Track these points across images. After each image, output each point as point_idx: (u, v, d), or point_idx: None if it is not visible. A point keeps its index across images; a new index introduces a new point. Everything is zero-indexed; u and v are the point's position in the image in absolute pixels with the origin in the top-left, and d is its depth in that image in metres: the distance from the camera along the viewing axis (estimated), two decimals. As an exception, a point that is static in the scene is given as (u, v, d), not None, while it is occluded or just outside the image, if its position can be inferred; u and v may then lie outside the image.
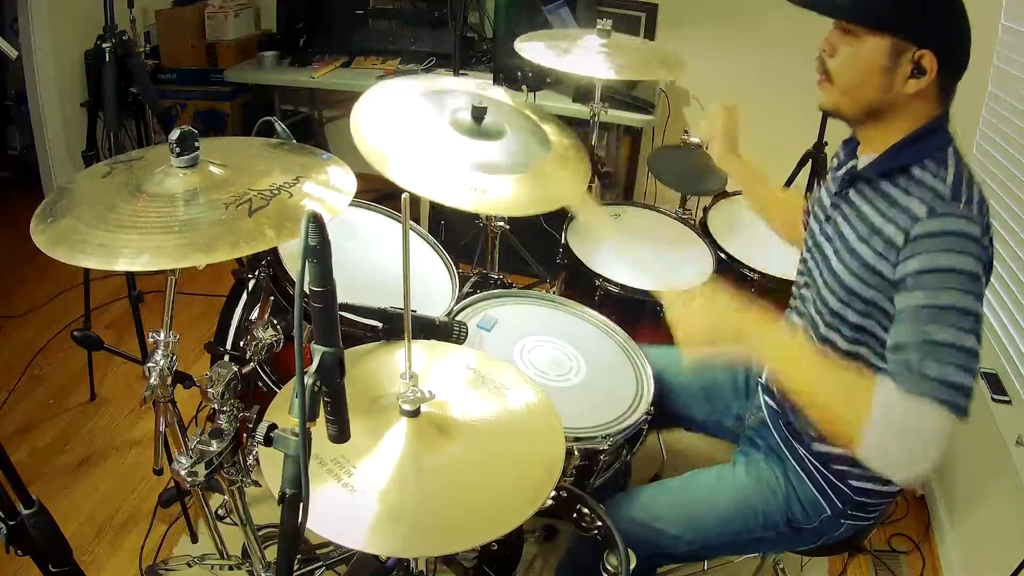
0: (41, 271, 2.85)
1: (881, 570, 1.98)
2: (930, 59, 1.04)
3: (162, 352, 1.14)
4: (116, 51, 1.89)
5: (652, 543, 1.31)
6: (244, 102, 3.41)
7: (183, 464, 1.14)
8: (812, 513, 1.29)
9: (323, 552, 1.63)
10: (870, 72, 1.08)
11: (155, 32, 3.26)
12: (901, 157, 1.10)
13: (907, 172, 1.09)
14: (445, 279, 1.61)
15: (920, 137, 1.10)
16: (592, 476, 1.36)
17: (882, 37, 1.06)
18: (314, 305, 0.76)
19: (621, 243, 1.95)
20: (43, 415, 2.31)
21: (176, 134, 1.05)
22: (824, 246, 1.22)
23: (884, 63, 1.06)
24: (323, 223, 0.72)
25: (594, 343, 1.54)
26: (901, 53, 1.05)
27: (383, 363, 1.16)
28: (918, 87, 1.06)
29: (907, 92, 1.07)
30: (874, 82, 1.08)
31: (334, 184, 1.13)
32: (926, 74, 1.05)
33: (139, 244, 0.94)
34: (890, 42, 1.05)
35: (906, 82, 1.07)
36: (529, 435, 1.06)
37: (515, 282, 2.06)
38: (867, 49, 1.07)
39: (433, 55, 3.16)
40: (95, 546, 1.90)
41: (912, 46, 1.05)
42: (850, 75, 1.10)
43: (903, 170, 1.09)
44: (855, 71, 1.10)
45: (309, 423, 0.77)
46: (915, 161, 1.09)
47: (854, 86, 1.11)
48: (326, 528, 0.86)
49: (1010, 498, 1.75)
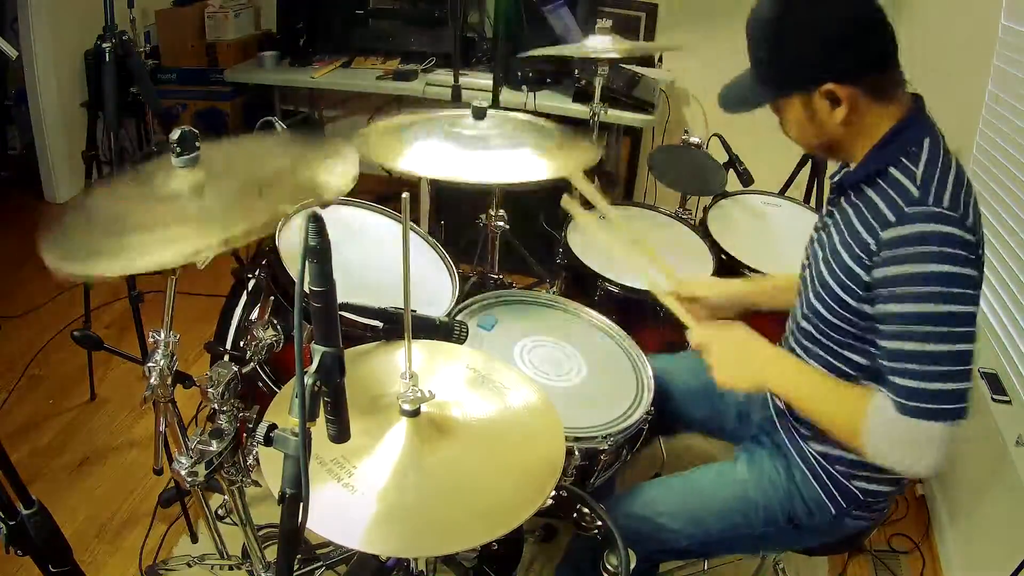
0: (41, 271, 2.81)
1: (881, 570, 1.98)
2: (834, 87, 1.07)
3: (162, 352, 1.14)
4: (116, 51, 1.89)
5: (653, 538, 1.32)
6: (244, 102, 3.41)
7: (183, 464, 1.14)
8: (815, 511, 1.29)
9: (323, 552, 1.63)
10: (801, 124, 1.15)
11: (155, 32, 3.26)
12: (878, 160, 1.11)
13: (885, 173, 1.10)
14: (445, 279, 1.61)
15: (891, 139, 1.11)
16: (592, 476, 1.36)
17: (785, 99, 1.13)
18: (314, 305, 0.76)
19: (621, 243, 1.95)
20: (43, 415, 2.31)
21: (176, 134, 1.05)
22: (817, 254, 1.23)
23: (803, 113, 1.13)
24: (323, 223, 0.72)
25: (594, 343, 1.54)
26: (810, 99, 1.10)
27: (383, 363, 1.16)
28: (844, 113, 1.09)
29: (838, 122, 1.10)
30: (809, 130, 1.15)
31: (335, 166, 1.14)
32: (842, 101, 1.08)
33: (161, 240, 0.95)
34: (796, 97, 1.12)
35: (831, 114, 1.10)
36: (529, 435, 1.06)
37: (515, 282, 2.06)
38: (787, 111, 1.16)
39: (433, 55, 3.16)
40: (95, 546, 1.90)
41: (812, 90, 1.09)
42: (792, 133, 1.19)
43: (881, 172, 1.10)
44: (792, 129, 1.18)
45: (309, 423, 0.77)
46: (892, 162, 1.09)
47: (800, 139, 1.19)
48: (326, 528, 0.86)
49: (1010, 498, 1.75)
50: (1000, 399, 1.87)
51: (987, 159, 2.16)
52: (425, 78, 3.05)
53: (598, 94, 2.16)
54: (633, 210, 2.15)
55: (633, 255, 1.49)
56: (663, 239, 2.01)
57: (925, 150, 1.08)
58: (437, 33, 3.18)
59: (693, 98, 3.30)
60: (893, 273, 1.03)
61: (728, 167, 2.24)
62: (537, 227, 2.70)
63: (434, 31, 3.19)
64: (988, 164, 2.14)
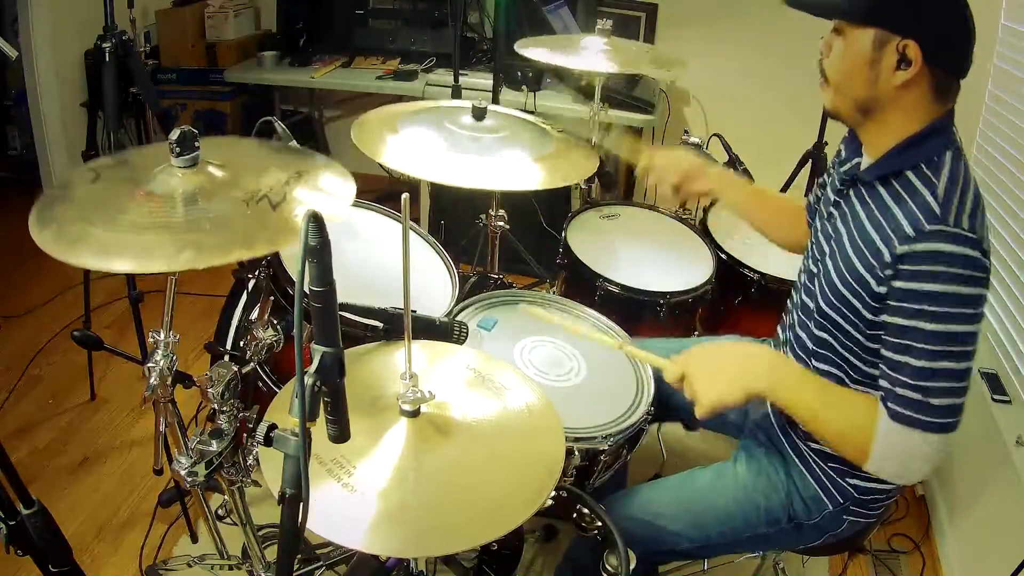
0: (41, 271, 2.85)
1: (881, 570, 1.98)
2: (914, 49, 1.04)
3: (162, 352, 1.14)
4: (116, 51, 1.89)
5: (653, 540, 1.32)
6: (244, 102, 3.41)
7: (183, 464, 1.14)
8: (814, 509, 1.29)
9: (323, 552, 1.63)
10: (857, 65, 1.09)
11: (155, 32, 3.26)
12: (898, 161, 1.10)
13: (902, 176, 1.09)
14: (445, 279, 1.61)
15: (917, 141, 1.09)
16: (592, 476, 1.36)
17: (866, 29, 1.06)
18: (314, 305, 0.76)
19: (621, 243, 1.95)
20: (43, 415, 2.31)
21: (176, 134, 1.05)
22: (823, 245, 1.23)
23: (869, 55, 1.07)
24: (323, 223, 0.72)
25: (594, 343, 1.53)
26: (885, 44, 1.05)
27: (383, 363, 1.16)
28: (905, 79, 1.06)
29: (895, 84, 1.07)
30: (862, 75, 1.09)
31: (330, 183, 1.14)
32: (912, 64, 1.05)
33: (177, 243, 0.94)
34: (874, 33, 1.06)
35: (893, 74, 1.06)
36: (529, 435, 1.06)
37: (515, 282, 2.06)
38: (853, 43, 1.08)
39: (433, 55, 3.16)
40: (95, 546, 1.90)
41: (895, 36, 1.04)
42: (840, 71, 1.12)
43: (898, 174, 1.09)
44: (844, 66, 1.10)
45: (309, 423, 0.77)
46: (910, 165, 1.08)
47: (844, 82, 1.12)
48: (326, 528, 0.86)
49: (1010, 498, 1.75)
50: (1000, 399, 1.87)
51: (987, 159, 2.16)
52: (425, 78, 3.04)
53: (598, 94, 2.16)
54: (633, 210, 2.15)
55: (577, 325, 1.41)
56: (663, 239, 2.01)
57: (947, 162, 1.06)
58: (437, 33, 3.18)
59: (693, 98, 3.30)
60: (906, 288, 1.02)
61: (728, 167, 2.24)
62: (537, 227, 2.70)
63: (434, 31, 3.19)
64: (988, 164, 2.14)
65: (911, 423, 1.02)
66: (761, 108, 3.15)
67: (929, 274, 1.00)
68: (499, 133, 1.60)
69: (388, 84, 3.03)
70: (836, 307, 1.15)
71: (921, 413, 1.02)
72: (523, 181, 1.49)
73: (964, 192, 1.04)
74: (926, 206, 1.03)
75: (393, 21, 3.31)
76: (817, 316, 1.21)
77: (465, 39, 3.13)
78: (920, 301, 1.01)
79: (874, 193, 1.12)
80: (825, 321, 1.19)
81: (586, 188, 2.14)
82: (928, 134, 1.09)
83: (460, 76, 2.53)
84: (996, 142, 2.11)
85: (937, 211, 1.02)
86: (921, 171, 1.07)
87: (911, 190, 1.06)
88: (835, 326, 1.17)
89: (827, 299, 1.17)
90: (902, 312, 1.03)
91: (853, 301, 1.12)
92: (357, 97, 3.49)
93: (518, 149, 1.58)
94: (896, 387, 1.04)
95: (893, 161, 1.10)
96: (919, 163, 1.07)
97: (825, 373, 1.22)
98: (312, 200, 1.08)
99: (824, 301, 1.18)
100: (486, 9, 3.23)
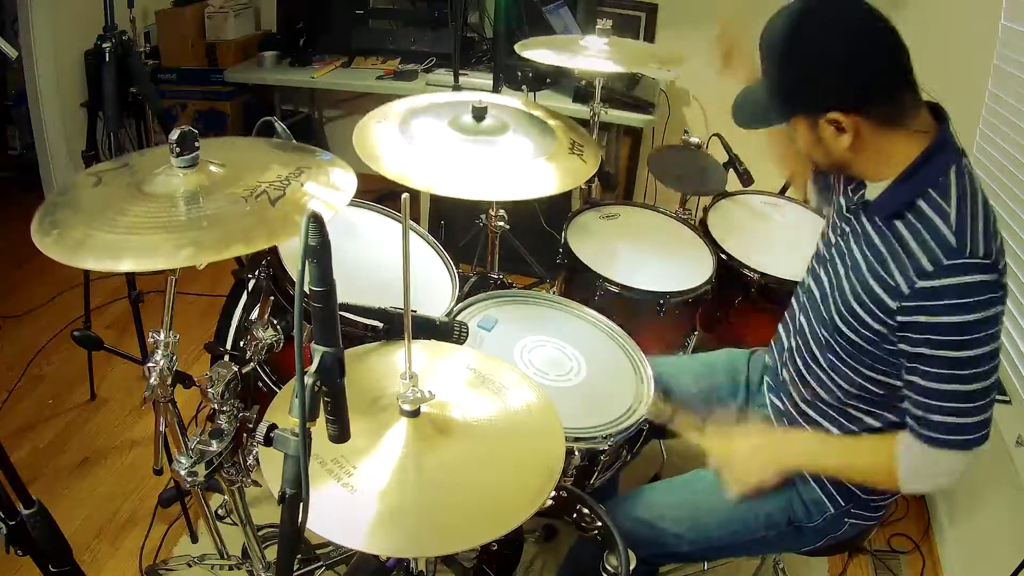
0: (41, 271, 2.85)
1: (881, 570, 1.98)
2: (837, 114, 1.05)
3: (162, 352, 1.14)
4: (116, 51, 1.89)
5: (654, 543, 1.32)
6: (244, 102, 3.41)
7: (183, 464, 1.14)
8: (815, 512, 1.29)
9: (323, 552, 1.63)
10: (810, 147, 1.15)
11: (155, 32, 3.26)
12: (904, 193, 1.09)
13: (913, 206, 1.08)
14: (445, 279, 1.61)
15: (914, 172, 1.08)
16: (592, 476, 1.36)
17: (794, 118, 1.12)
18: (314, 305, 0.76)
19: (621, 243, 1.95)
20: (43, 415, 2.31)
21: (176, 134, 1.05)
22: (836, 260, 1.23)
23: (811, 137, 1.11)
24: (323, 223, 0.72)
25: (594, 343, 1.53)
26: (815, 124, 1.09)
27: (383, 363, 1.16)
28: (850, 140, 1.07)
29: (845, 147, 1.09)
30: (819, 152, 1.14)
31: (333, 177, 1.14)
32: (846, 129, 1.06)
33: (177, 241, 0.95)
34: (801, 119, 1.11)
35: (837, 141, 1.08)
36: (529, 435, 1.06)
37: (515, 282, 2.06)
38: (795, 134, 1.15)
39: (433, 55, 3.16)
40: (95, 546, 1.90)
41: (816, 114, 1.07)
42: (803, 154, 1.19)
43: (909, 204, 1.08)
44: (803, 151, 1.17)
45: (309, 423, 0.77)
46: (919, 193, 1.07)
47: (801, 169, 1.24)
48: (326, 528, 0.86)
49: (1010, 498, 1.75)
50: (1000, 399, 1.87)
51: (987, 159, 2.16)
52: (425, 78, 3.04)
53: (598, 94, 2.16)
54: (633, 210, 2.15)
55: None
56: (663, 239, 2.01)
57: (953, 182, 1.06)
58: (437, 33, 3.18)
59: (693, 98, 3.30)
60: (929, 321, 1.03)
61: (728, 167, 2.24)
62: (537, 227, 2.70)
63: (434, 31, 3.19)
64: (988, 164, 2.14)
65: (946, 444, 1.06)
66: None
67: (950, 307, 1.01)
68: (500, 134, 1.59)
69: (388, 84, 3.03)
70: (849, 322, 1.17)
71: (957, 434, 1.06)
72: (526, 189, 1.46)
73: (975, 211, 1.04)
74: (941, 238, 1.03)
75: (393, 21, 3.31)
76: (829, 324, 1.22)
77: (465, 39, 3.13)
78: (944, 332, 1.03)
79: (888, 221, 1.12)
80: (836, 334, 1.20)
81: (586, 188, 2.14)
82: (927, 156, 1.08)
83: (460, 76, 2.53)
84: (996, 142, 2.11)
85: (953, 243, 1.02)
86: (931, 198, 1.06)
87: (924, 220, 1.06)
88: (845, 339, 1.18)
89: (840, 314, 1.18)
90: (924, 343, 1.05)
91: (871, 322, 1.12)
92: (357, 97, 3.49)
93: (519, 151, 1.57)
94: (930, 413, 1.07)
95: (898, 195, 1.10)
96: (927, 189, 1.07)
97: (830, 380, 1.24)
98: (312, 192, 1.08)
99: (838, 315, 1.19)
100: (486, 9, 3.23)
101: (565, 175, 1.51)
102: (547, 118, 1.72)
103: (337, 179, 1.15)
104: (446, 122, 1.58)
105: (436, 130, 1.57)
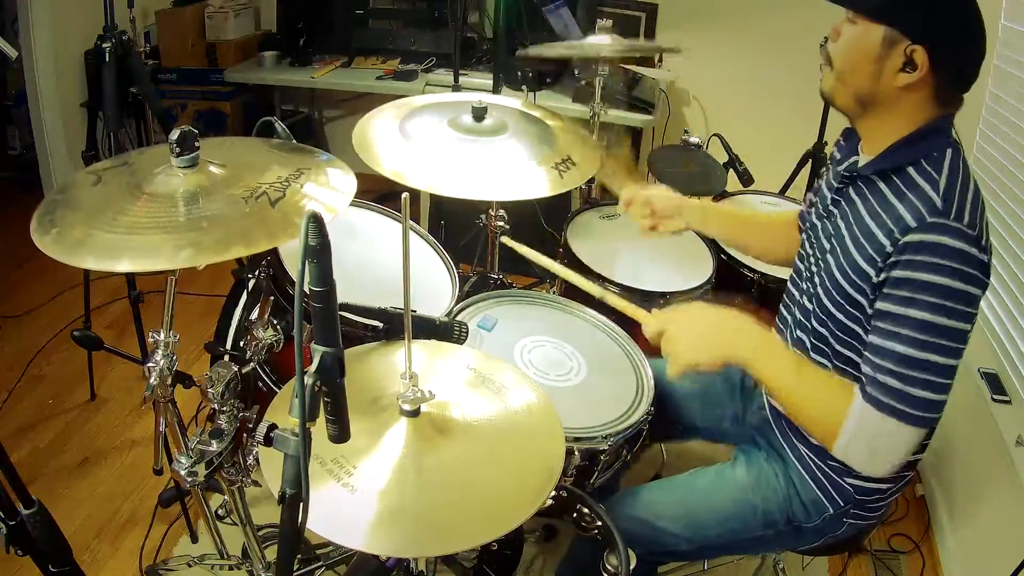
0: (41, 271, 2.85)
1: (881, 570, 1.98)
2: (922, 55, 1.04)
3: (162, 352, 1.14)
4: (116, 51, 1.89)
5: (653, 542, 1.32)
6: (244, 102, 3.41)
7: (183, 464, 1.14)
8: (813, 512, 1.29)
9: (323, 552, 1.63)
10: (863, 58, 1.09)
11: (155, 32, 3.26)
12: (898, 157, 1.10)
13: (902, 171, 1.09)
14: (445, 279, 1.61)
15: (917, 138, 1.10)
16: (592, 476, 1.36)
17: (880, 26, 1.07)
18: (314, 305, 0.76)
19: (621, 243, 1.95)
20: (43, 415, 2.31)
21: (176, 134, 1.05)
22: (823, 243, 1.22)
23: (877, 51, 1.07)
24: (323, 223, 0.72)
25: (594, 343, 1.53)
26: (894, 44, 1.06)
27: (383, 363, 1.16)
28: (907, 81, 1.06)
29: (897, 85, 1.07)
30: (866, 69, 1.09)
31: (333, 178, 1.14)
32: (916, 69, 1.05)
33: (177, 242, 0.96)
34: (886, 32, 1.06)
35: (896, 75, 1.07)
36: (529, 435, 1.06)
37: (515, 282, 2.06)
38: (863, 35, 1.08)
39: (433, 55, 3.16)
40: (95, 546, 1.90)
41: (906, 39, 1.05)
42: (845, 59, 1.12)
43: (898, 170, 1.09)
44: (850, 55, 1.11)
45: (309, 423, 0.77)
46: (911, 161, 1.08)
47: (847, 71, 1.12)
48: (326, 528, 0.86)
49: (1010, 498, 1.75)
50: (1000, 399, 1.87)
51: (987, 159, 2.16)
52: (425, 78, 3.05)
53: (598, 94, 2.16)
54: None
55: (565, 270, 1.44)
56: (663, 239, 2.00)
57: (947, 159, 1.06)
58: (437, 33, 3.18)
59: (693, 98, 3.31)
60: (903, 276, 1.02)
61: (728, 167, 2.25)
62: (537, 227, 2.70)
63: (434, 31, 3.19)
64: (988, 164, 2.14)
65: (888, 410, 1.02)
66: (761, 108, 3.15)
67: (926, 264, 1.00)
68: (500, 135, 1.59)
69: (388, 84, 3.03)
70: (838, 303, 1.15)
71: (899, 402, 1.02)
72: (526, 189, 1.47)
73: (965, 188, 1.05)
74: (928, 199, 1.03)
75: (393, 21, 3.31)
76: (819, 312, 1.21)
77: (465, 39, 3.13)
78: (913, 289, 1.01)
79: (874, 188, 1.13)
80: (826, 318, 1.19)
81: (586, 188, 2.14)
82: (928, 132, 1.09)
83: (460, 76, 2.53)
84: (996, 142, 2.11)
85: (939, 204, 1.02)
86: (922, 167, 1.07)
87: (912, 185, 1.06)
88: (835, 323, 1.17)
89: (829, 295, 1.17)
90: (893, 299, 1.03)
91: (855, 295, 1.12)
92: (357, 97, 3.50)
93: (520, 152, 1.57)
94: (878, 373, 1.04)
95: (893, 156, 1.11)
96: (920, 159, 1.08)
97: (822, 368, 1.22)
98: (312, 193, 1.08)
99: (827, 297, 1.18)
100: (486, 9, 3.23)
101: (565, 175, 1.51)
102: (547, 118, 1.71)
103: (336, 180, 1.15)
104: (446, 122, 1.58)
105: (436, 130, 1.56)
